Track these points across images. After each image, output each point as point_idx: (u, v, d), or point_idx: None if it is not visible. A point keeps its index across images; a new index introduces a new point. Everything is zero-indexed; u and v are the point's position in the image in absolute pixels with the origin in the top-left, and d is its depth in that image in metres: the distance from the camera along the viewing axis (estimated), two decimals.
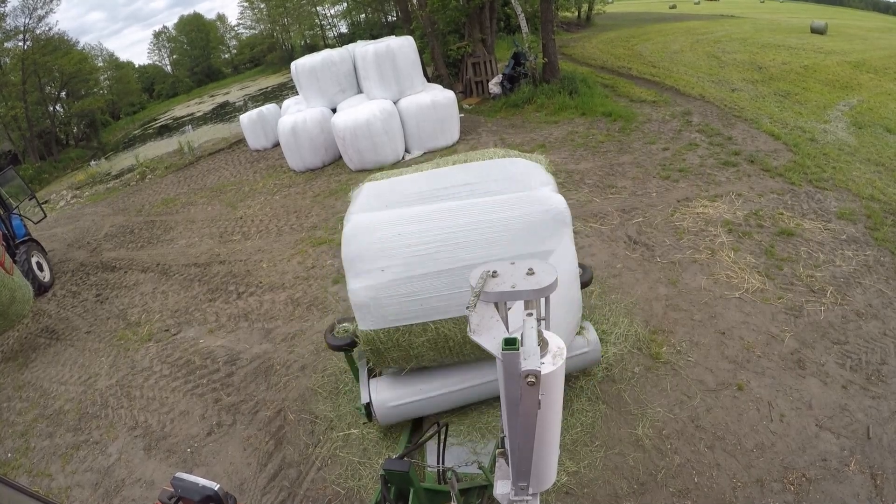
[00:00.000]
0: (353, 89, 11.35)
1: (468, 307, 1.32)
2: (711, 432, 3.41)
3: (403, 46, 10.01)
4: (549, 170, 3.34)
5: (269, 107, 14.18)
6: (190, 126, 27.87)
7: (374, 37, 20.32)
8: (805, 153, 7.62)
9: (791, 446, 3.25)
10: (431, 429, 2.52)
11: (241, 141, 15.23)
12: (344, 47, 11.99)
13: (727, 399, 3.64)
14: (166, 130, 29.29)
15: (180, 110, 40.52)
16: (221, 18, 68.15)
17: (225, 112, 29.96)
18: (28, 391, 5.53)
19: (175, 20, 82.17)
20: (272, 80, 42.39)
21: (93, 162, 23.35)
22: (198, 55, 62.92)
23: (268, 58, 57.22)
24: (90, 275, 8.40)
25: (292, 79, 11.65)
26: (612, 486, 3.17)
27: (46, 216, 9.72)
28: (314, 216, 8.37)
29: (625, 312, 4.61)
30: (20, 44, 26.60)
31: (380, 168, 9.71)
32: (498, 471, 1.53)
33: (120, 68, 52.29)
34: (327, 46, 24.69)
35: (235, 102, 33.32)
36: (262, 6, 57.17)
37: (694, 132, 9.06)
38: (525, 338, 1.17)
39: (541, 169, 3.27)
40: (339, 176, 10.08)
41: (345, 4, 50.86)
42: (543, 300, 1.43)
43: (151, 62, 65.06)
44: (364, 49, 10.12)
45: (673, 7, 43.77)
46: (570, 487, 3.19)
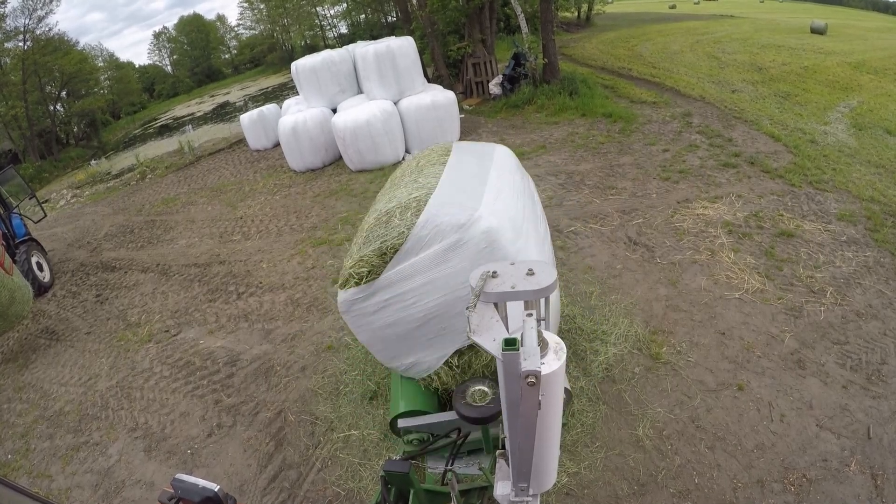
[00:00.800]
0: (354, 89, 11.36)
1: (468, 308, 1.32)
2: (712, 433, 3.41)
3: (403, 47, 10.02)
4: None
5: (270, 107, 14.19)
6: (190, 126, 27.85)
7: (374, 37, 20.35)
8: (805, 155, 7.62)
9: (791, 446, 3.25)
10: (452, 433, 2.47)
11: (242, 141, 15.23)
12: (344, 48, 12.01)
13: (727, 399, 3.64)
14: (167, 130, 29.25)
15: (181, 110, 40.51)
16: (221, 19, 68.56)
17: (225, 112, 29.94)
18: (28, 392, 5.53)
19: (175, 21, 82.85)
20: (272, 81, 42.38)
21: (93, 161, 23.36)
22: (198, 55, 63.03)
23: (268, 58, 57.26)
24: (90, 275, 8.40)
25: (292, 79, 11.66)
26: (613, 487, 3.17)
27: (46, 215, 9.71)
28: (314, 216, 8.37)
29: (625, 313, 4.61)
30: (20, 44, 26.62)
31: (380, 168, 9.74)
32: (498, 472, 1.53)
33: (120, 68, 52.35)
34: (327, 47, 24.62)
35: (236, 102, 33.30)
36: (262, 7, 57.25)
37: (694, 133, 9.06)
38: (525, 338, 1.17)
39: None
40: (340, 176, 10.08)
41: (345, 5, 50.92)
42: (543, 301, 1.43)
43: (152, 62, 65.39)
44: (364, 49, 10.13)
45: (673, 7, 43.78)
46: (571, 488, 3.19)
